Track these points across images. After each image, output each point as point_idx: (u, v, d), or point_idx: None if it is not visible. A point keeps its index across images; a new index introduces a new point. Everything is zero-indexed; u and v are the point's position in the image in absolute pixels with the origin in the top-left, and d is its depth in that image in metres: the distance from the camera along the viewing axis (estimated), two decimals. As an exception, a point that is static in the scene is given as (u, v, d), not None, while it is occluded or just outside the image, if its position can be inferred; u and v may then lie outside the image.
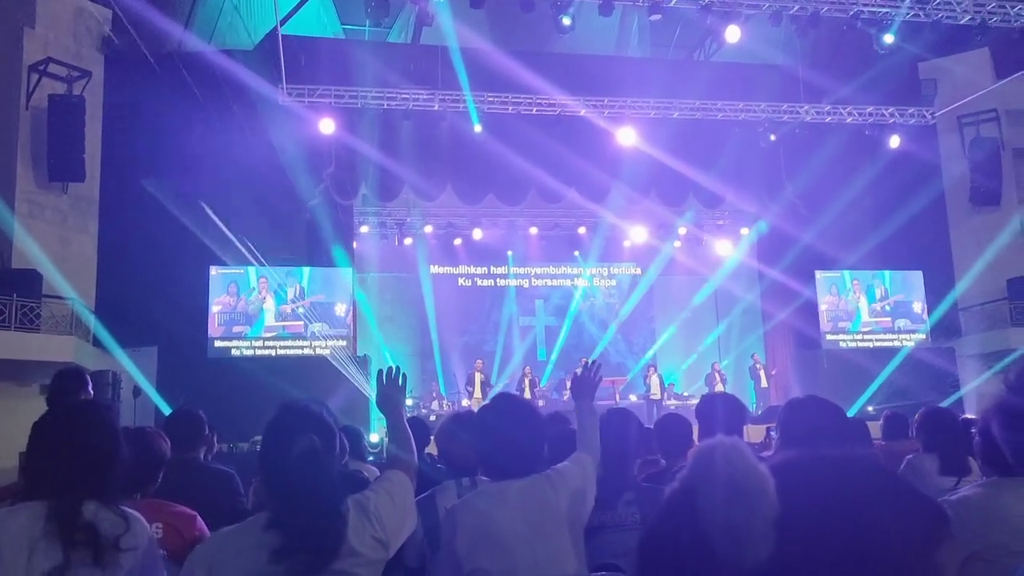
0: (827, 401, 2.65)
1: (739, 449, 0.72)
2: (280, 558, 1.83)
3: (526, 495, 2.40)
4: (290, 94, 12.54)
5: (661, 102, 13.64)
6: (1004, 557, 2.01)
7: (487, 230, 16.97)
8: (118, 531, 1.93)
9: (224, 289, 12.95)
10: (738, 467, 0.70)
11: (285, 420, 2.01)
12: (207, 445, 3.75)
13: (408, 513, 2.16)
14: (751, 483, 0.69)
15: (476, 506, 2.43)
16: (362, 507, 2.01)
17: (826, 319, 14.64)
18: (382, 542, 2.01)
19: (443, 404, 14.66)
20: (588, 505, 2.52)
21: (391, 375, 2.46)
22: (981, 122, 15.02)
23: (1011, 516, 2.07)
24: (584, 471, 2.55)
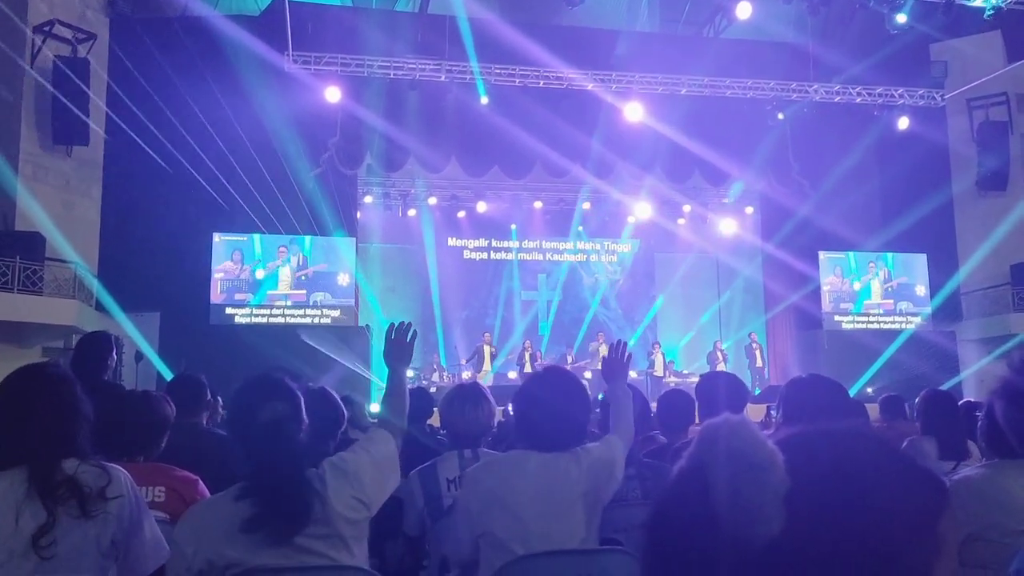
0: (829, 379, 2.66)
1: (746, 424, 0.72)
2: (252, 527, 1.85)
3: (548, 468, 2.41)
4: (296, 61, 12.45)
5: (669, 78, 13.54)
6: (1003, 537, 2.03)
7: (491, 203, 16.93)
8: (101, 482, 1.95)
9: (228, 256, 12.95)
10: (746, 442, 0.70)
11: (250, 391, 2.03)
12: (209, 410, 3.77)
13: (389, 471, 2.17)
14: (759, 458, 0.69)
15: (496, 471, 2.45)
16: (339, 468, 2.03)
17: (828, 300, 14.64)
18: (363, 502, 2.03)
19: (444, 376, 14.71)
20: (612, 487, 2.54)
21: (402, 329, 2.47)
22: (991, 105, 14.93)
23: (1011, 497, 2.08)
24: (613, 453, 2.56)
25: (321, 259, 13.31)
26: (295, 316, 13.04)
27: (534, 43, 12.63)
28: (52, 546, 1.84)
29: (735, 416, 0.73)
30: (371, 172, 15.11)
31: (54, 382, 2.05)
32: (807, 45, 13.82)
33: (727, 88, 13.73)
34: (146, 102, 12.36)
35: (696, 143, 13.58)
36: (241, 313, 12.85)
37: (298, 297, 13.12)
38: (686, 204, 17.22)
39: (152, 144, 12.09)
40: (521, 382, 9.57)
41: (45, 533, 1.84)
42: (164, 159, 12.08)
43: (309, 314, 13.09)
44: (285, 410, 1.95)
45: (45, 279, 11.23)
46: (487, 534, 2.34)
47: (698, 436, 0.74)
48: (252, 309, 12.90)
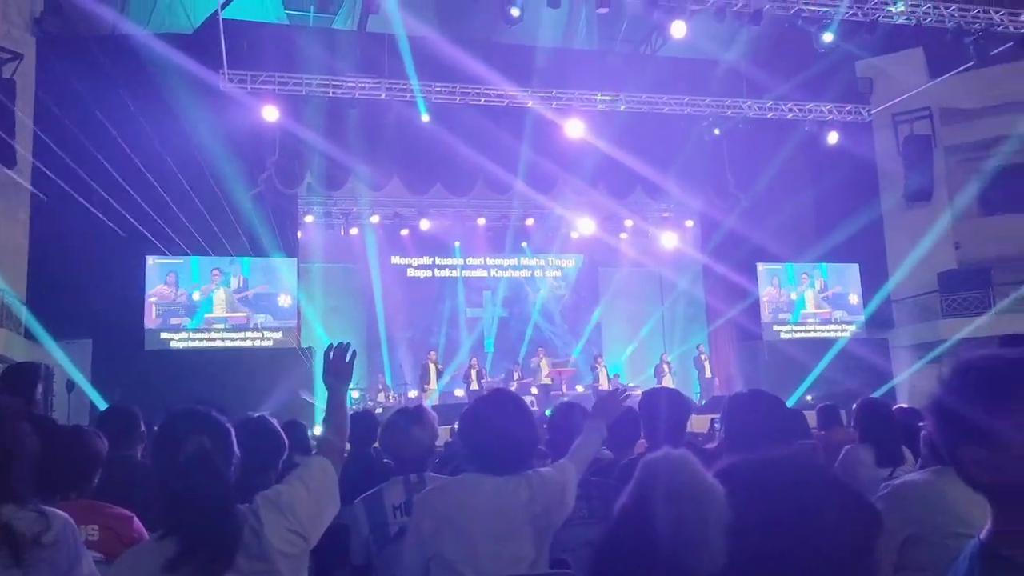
0: (769, 395, 2.71)
1: (686, 460, 0.72)
2: (174, 567, 1.78)
3: (501, 492, 2.40)
4: (231, 80, 12.26)
5: (608, 95, 13.73)
6: (944, 539, 2.11)
7: (434, 220, 16.90)
8: (37, 528, 1.87)
9: (162, 279, 12.63)
10: (688, 477, 0.70)
11: (173, 424, 1.96)
12: (144, 442, 3.64)
13: (327, 500, 2.12)
14: (702, 492, 0.70)
15: (450, 494, 2.43)
16: (272, 502, 1.98)
17: (767, 311, 14.95)
18: (300, 534, 1.98)
19: (390, 396, 14.56)
20: (563, 512, 2.54)
21: (340, 350, 2.43)
22: (915, 120, 15.51)
23: (950, 500, 2.16)
24: (565, 478, 2.56)
25: (261, 280, 13.07)
26: (235, 339, 12.76)
27: (474, 60, 12.68)
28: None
29: (674, 452, 0.73)
30: (311, 191, 14.93)
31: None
32: (740, 63, 14.18)
33: (664, 104, 13.98)
34: (75, 123, 12.01)
35: (636, 159, 13.78)
36: (178, 338, 12.52)
37: (238, 320, 12.85)
38: (628, 219, 17.44)
39: (82, 166, 11.74)
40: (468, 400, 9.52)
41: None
42: (95, 181, 11.74)
43: (249, 337, 12.83)
44: (209, 444, 1.89)
45: (-30, 307, 10.80)
46: (437, 556, 2.32)
47: (639, 472, 0.74)
48: (189, 333, 12.58)
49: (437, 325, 17.41)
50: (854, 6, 12.01)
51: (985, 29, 12.26)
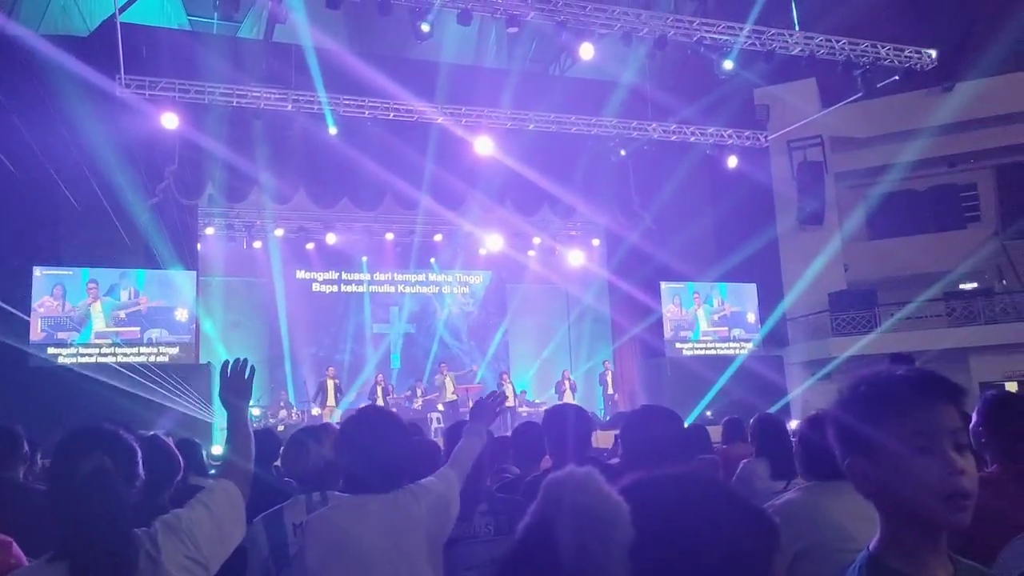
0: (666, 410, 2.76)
1: (592, 478, 0.72)
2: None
3: (388, 509, 2.34)
4: (128, 86, 11.79)
5: (517, 113, 13.87)
6: (829, 555, 2.16)
7: (341, 235, 16.65)
8: None
9: (48, 291, 11.96)
10: (592, 496, 0.70)
11: (73, 440, 1.85)
12: (26, 463, 3.43)
13: (232, 526, 2.03)
14: (606, 512, 0.70)
15: (332, 520, 2.34)
16: (171, 527, 1.88)
17: (669, 328, 15.32)
18: (199, 562, 1.89)
19: (292, 413, 14.21)
20: (451, 521, 2.51)
21: (237, 366, 2.33)
22: (808, 147, 16.29)
23: (831, 516, 2.22)
24: (449, 487, 2.54)
25: (157, 293, 12.54)
26: (128, 355, 12.19)
27: (383, 75, 12.60)
28: None
29: (580, 469, 0.73)
30: (213, 203, 14.47)
31: None
32: (645, 86, 14.58)
33: (572, 124, 14.22)
34: (-44, 125, 11.32)
35: (544, 177, 13.94)
36: (66, 353, 11.88)
37: (130, 334, 12.29)
38: (536, 236, 17.62)
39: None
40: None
41: None
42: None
43: (144, 352, 12.28)
44: (109, 463, 1.79)
45: None
46: None
47: (543, 490, 0.73)
48: (79, 348, 11.96)
49: (342, 341, 17.12)
50: (752, 36, 12.55)
51: (873, 62, 12.99)
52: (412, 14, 11.13)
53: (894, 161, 16.38)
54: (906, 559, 1.23)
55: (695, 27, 12.41)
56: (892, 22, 14.11)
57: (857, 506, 2.21)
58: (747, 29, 12.45)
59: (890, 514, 1.25)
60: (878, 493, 1.25)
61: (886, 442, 1.21)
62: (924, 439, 1.20)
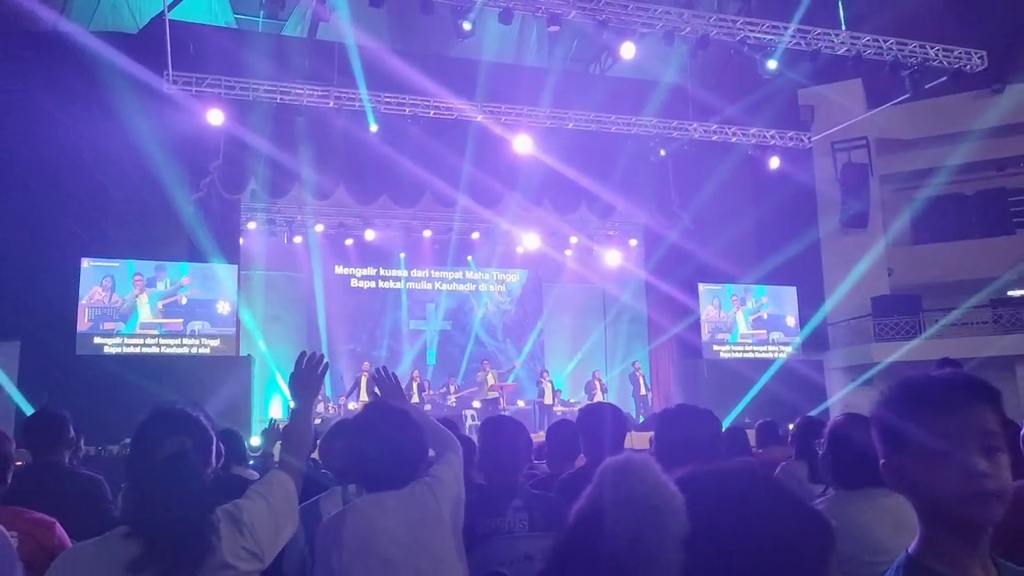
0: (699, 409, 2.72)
1: (648, 466, 0.71)
2: (138, 569, 1.72)
3: (407, 504, 2.34)
4: (175, 83, 12.01)
5: (556, 112, 13.85)
6: (857, 568, 2.09)
7: (380, 231, 16.78)
8: None
9: (97, 282, 12.24)
10: (649, 484, 0.69)
11: (156, 421, 1.92)
12: (71, 448, 3.52)
13: (287, 519, 2.06)
14: (663, 500, 0.69)
15: (354, 518, 2.33)
16: (233, 517, 1.91)
17: (707, 330, 15.18)
18: (255, 553, 1.91)
19: (329, 407, 14.36)
20: (462, 508, 2.50)
21: (313, 360, 2.35)
22: (853, 148, 16.01)
23: (859, 526, 2.17)
24: (455, 472, 2.52)
25: (200, 286, 12.77)
26: (171, 346, 12.42)
27: (424, 74, 12.67)
28: None
29: (638, 456, 0.72)
30: (255, 198, 14.69)
31: None
32: (687, 86, 14.46)
33: (612, 123, 14.16)
34: (9, 119, 11.63)
35: (583, 176, 13.91)
36: (111, 343, 12.14)
37: (174, 326, 12.52)
38: (573, 236, 17.58)
39: (16, 164, 11.36)
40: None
41: None
42: (30, 180, 11.37)
43: (186, 343, 12.51)
44: (190, 446, 1.85)
45: None
46: None
47: (597, 476, 0.72)
48: (124, 339, 12.21)
49: (379, 336, 17.26)
50: (797, 36, 12.37)
51: (921, 63, 12.73)
52: (454, 12, 11.17)
53: (941, 164, 16.03)
54: (944, 560, 1.22)
55: (738, 26, 12.28)
56: (941, 22, 13.80)
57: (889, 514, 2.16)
58: (792, 28, 12.28)
59: (926, 514, 1.25)
60: (912, 492, 1.26)
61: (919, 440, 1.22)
62: (952, 439, 1.20)
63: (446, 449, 2.61)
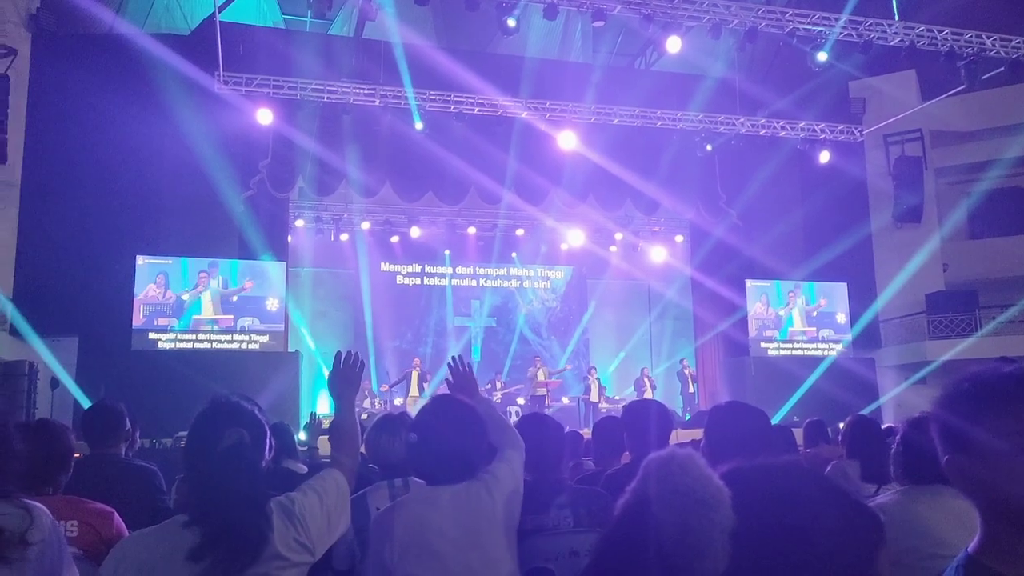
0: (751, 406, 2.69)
1: (694, 460, 0.71)
2: (198, 557, 1.76)
3: (461, 500, 2.34)
4: (226, 83, 12.24)
5: (602, 107, 13.78)
6: (920, 561, 2.08)
7: (425, 228, 16.89)
8: (23, 525, 1.83)
9: (152, 279, 12.54)
10: (695, 478, 0.69)
11: (215, 414, 1.96)
12: (128, 440, 3.61)
13: (339, 516, 2.09)
14: (709, 494, 0.69)
15: (407, 512, 2.35)
16: (286, 510, 1.95)
17: (754, 327, 14.98)
18: (306, 546, 1.95)
19: (375, 402, 14.51)
20: (519, 506, 2.49)
21: (350, 359, 2.40)
22: (906, 141, 15.63)
23: (924, 522, 2.15)
24: (514, 470, 2.51)
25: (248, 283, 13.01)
26: (221, 341, 12.68)
27: (469, 70, 12.71)
28: None
29: (682, 450, 0.72)
30: (303, 196, 14.91)
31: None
32: (734, 80, 14.27)
33: (657, 119, 14.04)
34: (68, 120, 11.98)
35: (628, 172, 13.82)
36: (165, 338, 12.44)
37: (225, 322, 12.77)
38: (618, 232, 17.48)
39: (74, 164, 11.69)
40: None
41: None
42: (86, 179, 11.69)
43: (236, 339, 12.75)
44: (248, 438, 1.89)
45: (-46, 303, 10.71)
46: None
47: (643, 469, 0.72)
48: (176, 334, 12.50)
49: (424, 333, 17.38)
50: (849, 27, 12.13)
51: (977, 53, 12.39)
52: (499, 9, 11.18)
53: (998, 156, 15.56)
54: (1006, 560, 1.18)
55: (788, 18, 12.08)
56: (998, 11, 13.39)
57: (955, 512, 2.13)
58: (843, 19, 12.03)
59: (989, 513, 1.21)
60: (977, 491, 1.22)
61: (987, 439, 1.18)
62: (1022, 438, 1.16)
63: (508, 447, 2.59)
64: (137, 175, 12.02)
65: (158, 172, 12.02)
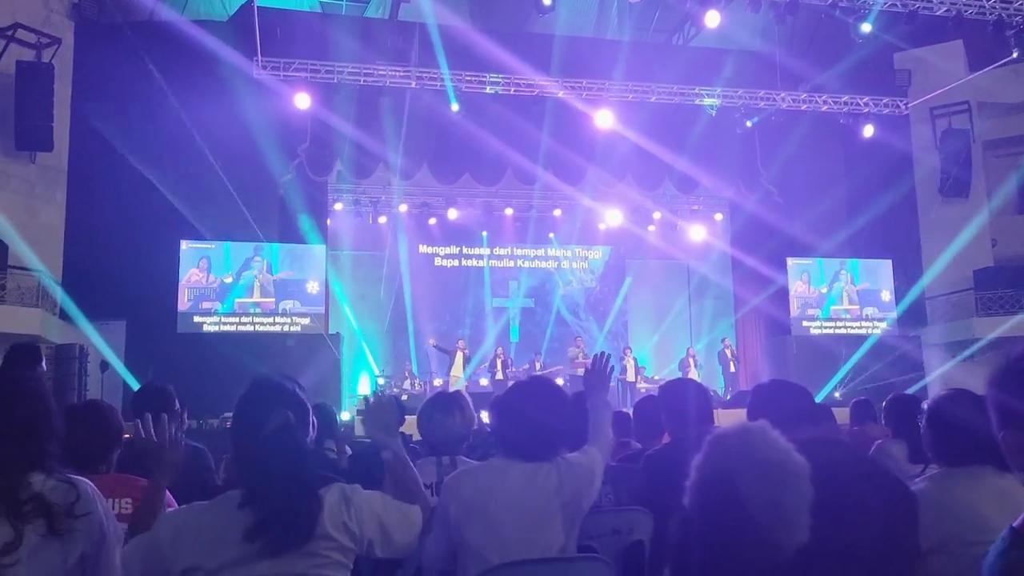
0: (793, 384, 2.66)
1: (772, 433, 0.71)
2: (254, 536, 1.81)
3: (530, 478, 2.40)
4: (264, 68, 12.34)
5: (639, 85, 13.63)
6: (961, 548, 1.98)
7: (462, 210, 16.91)
8: (70, 499, 1.89)
9: (195, 263, 12.78)
10: (779, 449, 0.69)
11: (259, 395, 1.98)
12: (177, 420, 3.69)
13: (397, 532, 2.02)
14: (795, 467, 0.69)
15: (476, 479, 2.43)
16: (344, 494, 1.98)
17: (796, 305, 14.79)
18: (352, 532, 1.95)
19: (416, 384, 14.63)
20: (591, 497, 2.54)
21: (381, 399, 2.28)
22: (953, 114, 15.20)
23: (964, 507, 2.05)
24: (592, 463, 2.56)
25: (290, 266, 13.19)
26: (264, 324, 12.89)
27: (505, 50, 12.65)
28: (16, 565, 1.77)
29: (754, 424, 0.72)
30: (341, 179, 15.02)
31: (26, 394, 1.99)
32: (774, 54, 13.99)
33: (696, 96, 13.85)
34: (111, 107, 12.19)
35: (666, 150, 13.68)
36: (209, 321, 12.68)
37: (267, 305, 12.98)
38: (656, 211, 17.33)
39: (118, 150, 11.90)
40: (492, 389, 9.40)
41: (9, 552, 1.77)
42: (130, 165, 11.90)
43: (279, 322, 12.96)
44: (293, 419, 1.92)
45: (8, 287, 11.01)
46: (463, 544, 2.32)
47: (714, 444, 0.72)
48: (220, 317, 12.73)
49: (463, 314, 17.45)
50: (893, -3, 11.81)
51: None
52: (534, -13, 11.09)
53: (1050, 128, 15.10)
54: None
55: (830, -11, 11.79)
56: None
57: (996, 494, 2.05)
58: (887, -11, 11.72)
59: None
60: None
61: None
62: None
63: (594, 444, 2.66)
64: (179, 160, 12.20)
65: (199, 157, 12.19)
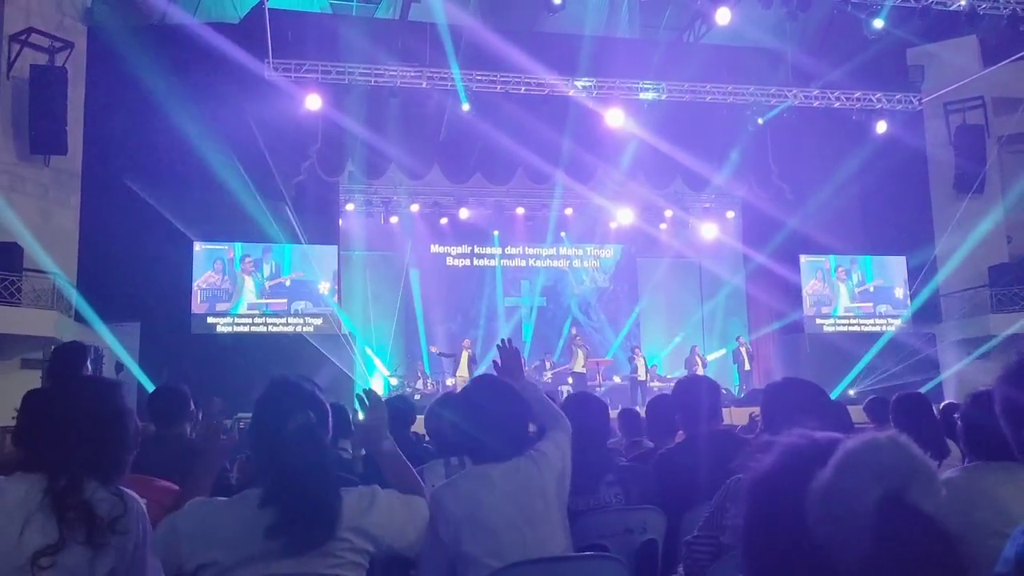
0: (806, 381, 2.66)
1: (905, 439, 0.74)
2: (276, 535, 1.82)
3: (511, 477, 2.38)
4: (276, 69, 12.39)
5: (650, 83, 13.60)
6: (986, 537, 2.00)
7: (473, 209, 16.93)
8: (115, 513, 1.89)
9: (209, 265, 12.87)
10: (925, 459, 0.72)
11: (278, 396, 1.99)
12: (192, 421, 3.73)
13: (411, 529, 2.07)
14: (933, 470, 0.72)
15: (459, 489, 2.39)
16: (363, 493, 2.00)
17: (809, 303, 14.72)
18: (373, 537, 1.97)
19: (427, 383, 14.67)
20: (567, 484, 2.52)
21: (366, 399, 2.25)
22: (967, 109, 15.08)
23: (994, 497, 2.08)
24: (561, 448, 2.54)
25: (302, 267, 13.25)
26: (276, 325, 12.96)
27: (515, 49, 12.64)
28: (51, 568, 1.78)
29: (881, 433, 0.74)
30: (353, 179, 15.07)
31: (98, 398, 2.01)
32: (786, 50, 13.93)
33: (707, 93, 13.80)
34: (125, 110, 12.26)
35: (677, 148, 13.64)
36: (223, 322, 12.76)
37: (278, 306, 13.04)
38: (668, 209, 17.29)
39: (131, 153, 11.99)
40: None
41: (49, 553, 1.78)
42: (144, 168, 11.99)
43: (291, 322, 13.02)
44: (314, 419, 1.93)
45: (23, 290, 11.10)
46: (462, 556, 2.28)
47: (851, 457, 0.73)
48: (233, 318, 12.81)
49: (475, 314, 17.46)
50: (905, -8, 11.74)
51: (1042, 15, 11.90)
52: (544, -14, 11.09)
53: (1066, 123, 14.95)
54: None
55: (841, -15, 11.74)
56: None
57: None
58: (899, -16, 11.65)
59: None
60: None
61: None
62: None
63: (553, 428, 2.62)
64: (191, 162, 12.27)
65: (212, 159, 12.25)
